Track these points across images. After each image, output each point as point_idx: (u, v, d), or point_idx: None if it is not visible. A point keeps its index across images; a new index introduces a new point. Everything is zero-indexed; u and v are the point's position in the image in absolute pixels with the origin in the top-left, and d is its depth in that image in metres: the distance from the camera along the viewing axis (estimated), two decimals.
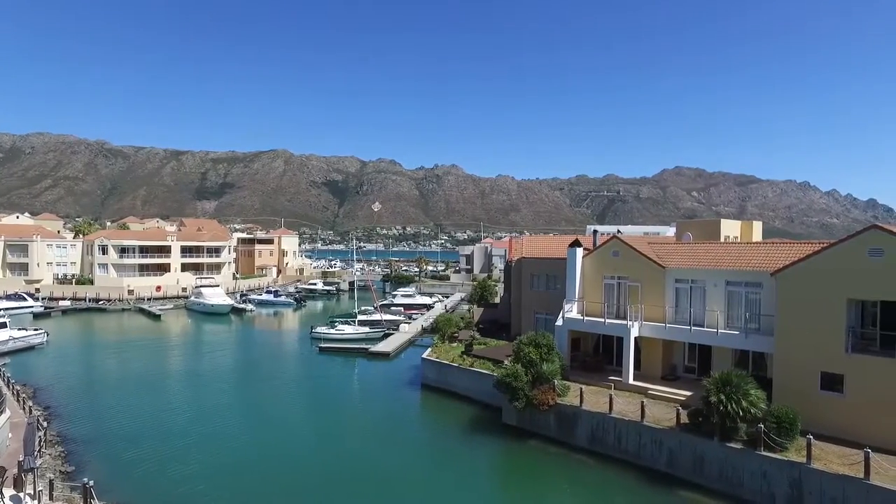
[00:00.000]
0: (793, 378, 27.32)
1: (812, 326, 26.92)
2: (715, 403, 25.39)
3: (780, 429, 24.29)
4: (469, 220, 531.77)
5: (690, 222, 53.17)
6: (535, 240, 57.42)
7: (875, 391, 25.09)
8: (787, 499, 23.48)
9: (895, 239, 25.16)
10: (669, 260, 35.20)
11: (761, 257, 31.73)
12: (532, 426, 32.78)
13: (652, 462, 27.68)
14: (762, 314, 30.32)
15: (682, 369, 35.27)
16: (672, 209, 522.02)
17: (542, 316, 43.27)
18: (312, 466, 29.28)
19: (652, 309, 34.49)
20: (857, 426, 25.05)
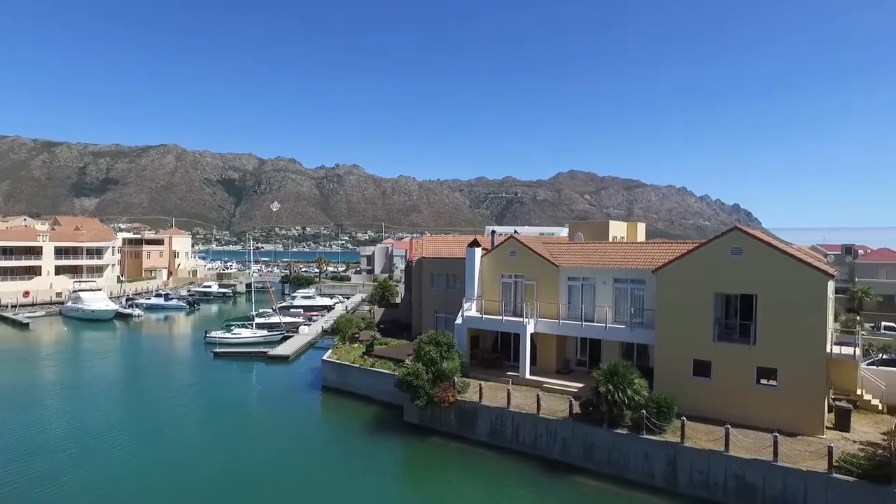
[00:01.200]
0: (671, 366, 29.81)
1: (686, 319, 29.56)
2: (604, 393, 27.16)
3: (660, 413, 26.46)
4: (370, 220, 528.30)
5: (582, 223, 55.90)
6: (435, 240, 58.20)
7: (735, 374, 28.12)
8: (665, 476, 25.64)
9: (752, 240, 28.45)
10: (563, 259, 37.08)
11: (644, 256, 34.29)
12: (433, 423, 33.32)
13: (547, 451, 29.08)
14: (645, 309, 32.81)
15: (575, 363, 37.30)
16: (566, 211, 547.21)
17: (442, 315, 44.01)
18: (207, 475, 27.99)
19: (547, 306, 36.17)
20: (721, 406, 27.84)
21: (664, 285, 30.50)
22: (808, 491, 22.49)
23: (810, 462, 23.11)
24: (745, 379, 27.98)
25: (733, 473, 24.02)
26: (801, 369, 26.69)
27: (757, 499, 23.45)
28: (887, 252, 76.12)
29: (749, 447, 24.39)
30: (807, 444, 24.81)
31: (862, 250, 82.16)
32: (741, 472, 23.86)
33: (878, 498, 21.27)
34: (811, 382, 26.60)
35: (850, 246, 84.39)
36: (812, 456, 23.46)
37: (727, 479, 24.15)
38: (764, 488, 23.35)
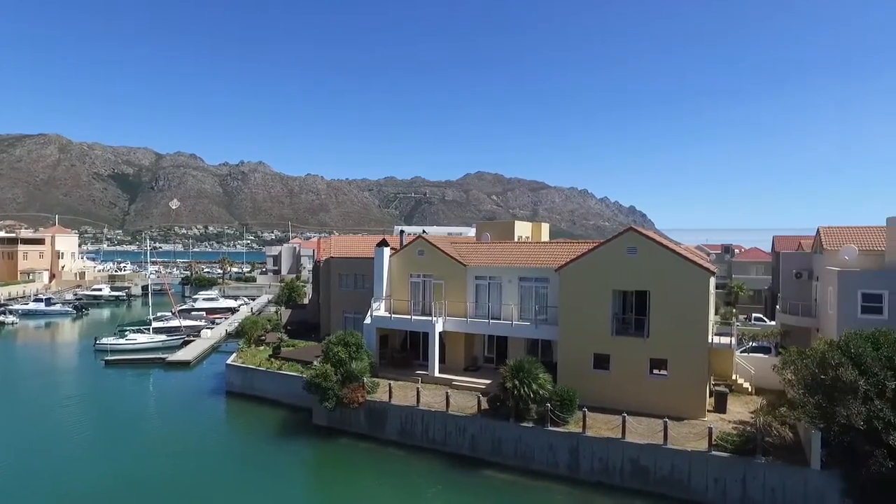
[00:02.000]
0: (572, 360, 31.31)
1: (586, 315, 31.17)
2: (510, 389, 28.08)
3: (563, 406, 27.73)
4: (277, 219, 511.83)
5: (489, 224, 57.42)
6: (343, 240, 57.56)
7: (631, 365, 30.01)
8: (568, 465, 26.92)
9: (645, 240, 30.55)
10: (470, 259, 37.89)
11: (548, 256, 35.76)
12: (343, 425, 33.00)
13: (457, 448, 29.63)
14: (549, 306, 34.20)
15: (483, 360, 38.23)
16: (474, 211, 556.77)
17: (350, 315, 43.64)
18: (97, 494, 26.10)
19: (455, 305, 36.83)
20: (619, 396, 29.58)
21: (566, 283, 31.98)
22: (692, 469, 24.51)
23: (694, 443, 25.17)
24: (640, 370, 29.96)
25: (629, 458, 25.68)
26: (688, 359, 28.96)
27: (649, 480, 25.22)
28: (757, 252, 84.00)
29: (643, 433, 26.15)
30: (691, 426, 26.95)
31: (737, 249, 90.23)
32: (636, 456, 25.56)
33: (746, 468, 23.67)
34: (696, 371, 28.94)
35: (729, 246, 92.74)
36: (695, 437, 25.56)
37: (624, 464, 25.78)
38: (655, 470, 25.16)
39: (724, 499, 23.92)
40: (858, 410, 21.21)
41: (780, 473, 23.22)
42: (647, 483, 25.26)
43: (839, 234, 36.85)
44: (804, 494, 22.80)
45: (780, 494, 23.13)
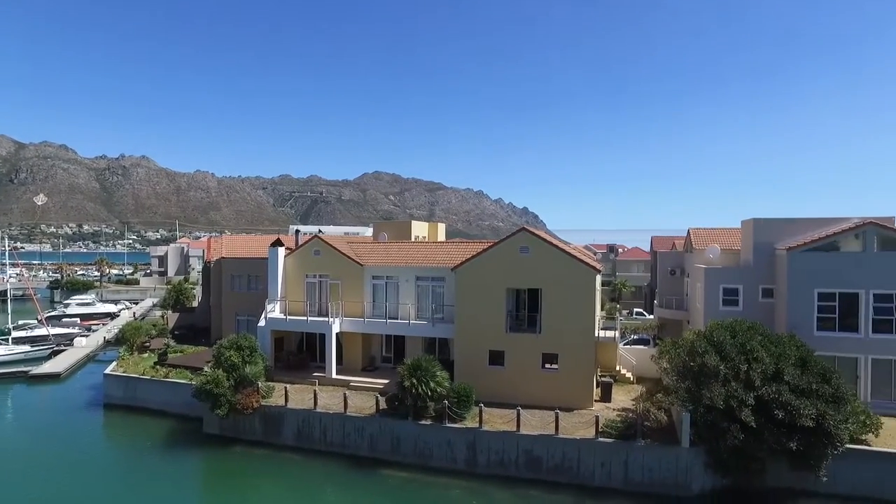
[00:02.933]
0: (469, 358, 32.14)
1: (482, 313, 32.12)
2: (408, 387, 28.32)
3: (460, 402, 28.40)
4: (162, 218, 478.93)
5: (386, 223, 57.49)
6: (235, 239, 55.22)
7: (524, 361, 31.32)
8: (466, 460, 27.60)
9: (537, 240, 32.06)
10: (367, 258, 37.78)
11: (444, 255, 36.43)
12: (236, 432, 31.72)
13: (356, 449, 29.45)
14: (445, 305, 34.85)
15: (381, 360, 38.24)
16: (371, 211, 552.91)
17: (244, 317, 42.06)
18: None
19: (352, 305, 36.57)
20: (513, 391, 30.71)
21: (462, 282, 32.78)
22: (581, 455, 26.05)
23: (582, 431, 26.75)
24: (533, 364, 31.33)
25: (524, 449, 26.80)
26: (577, 353, 30.69)
27: (542, 468, 26.48)
28: (638, 251, 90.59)
29: (536, 425, 27.38)
30: (580, 416, 28.59)
31: (621, 249, 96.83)
32: (530, 447, 26.72)
33: (628, 451, 25.55)
34: (584, 363, 30.74)
35: (613, 245, 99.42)
36: (584, 426, 27.17)
37: (519, 456, 26.86)
38: (547, 459, 26.46)
39: (609, 481, 25.64)
40: (719, 392, 23.62)
41: (657, 453, 25.27)
42: (540, 472, 26.50)
43: (706, 235, 40.64)
44: (675, 470, 24.99)
45: (656, 473, 25.18)
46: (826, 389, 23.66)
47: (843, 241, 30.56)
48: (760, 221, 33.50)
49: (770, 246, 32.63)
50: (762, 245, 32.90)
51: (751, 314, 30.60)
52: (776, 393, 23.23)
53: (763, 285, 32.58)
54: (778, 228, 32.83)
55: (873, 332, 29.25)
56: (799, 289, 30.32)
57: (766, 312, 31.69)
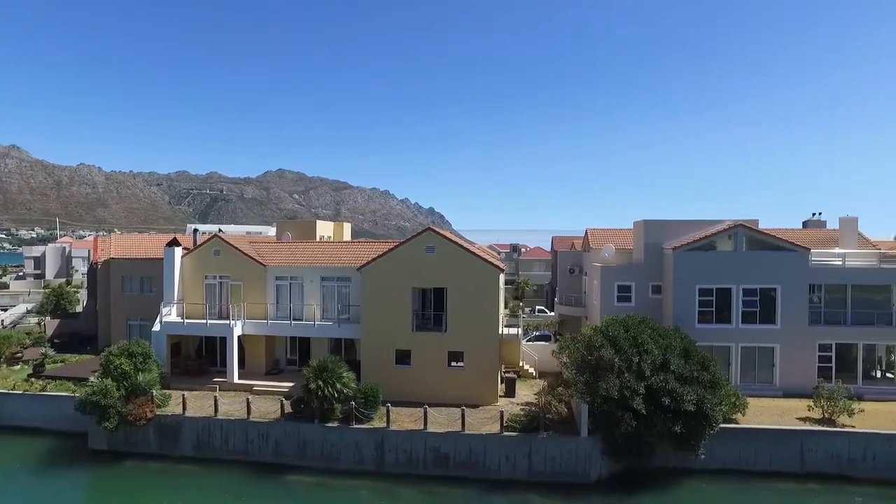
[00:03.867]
0: (375, 358, 32.08)
1: (388, 312, 32.18)
2: (314, 390, 27.84)
3: (368, 403, 28.31)
4: (39, 215, 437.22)
5: (291, 222, 56.19)
6: (126, 239, 51.56)
7: (431, 359, 31.74)
8: (374, 460, 27.55)
9: (442, 239, 32.67)
10: (271, 258, 36.70)
11: (350, 255, 36.13)
12: (127, 446, 29.67)
13: (260, 455, 28.53)
14: (351, 305, 34.57)
15: (285, 362, 37.28)
16: (275, 210, 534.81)
17: (136, 322, 39.51)
18: None
19: (254, 307, 35.38)
20: (420, 390, 30.98)
21: (368, 282, 32.67)
22: (486, 450, 26.78)
23: (488, 427, 27.51)
24: (439, 363, 31.79)
25: (431, 447, 27.14)
26: (482, 350, 31.47)
27: (450, 465, 26.95)
28: (540, 251, 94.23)
29: (443, 422, 27.80)
30: (486, 412, 29.36)
31: (524, 248, 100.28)
32: (437, 444, 27.11)
33: (531, 443, 26.60)
34: (488, 360, 31.58)
35: (516, 245, 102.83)
36: (489, 421, 27.95)
37: (426, 453, 27.17)
38: (454, 455, 26.97)
39: (514, 473, 26.54)
40: (614, 383, 25.21)
41: (558, 444, 26.50)
42: (447, 468, 26.95)
43: (602, 235, 43.03)
44: (575, 459, 26.34)
45: (558, 462, 26.40)
46: (705, 376, 25.91)
47: (718, 241, 33.56)
48: (650, 223, 36.00)
49: (658, 246, 35.15)
50: (652, 245, 35.38)
51: (642, 309, 32.82)
52: (664, 381, 25.12)
53: (653, 282, 35.08)
54: (665, 229, 35.44)
55: (742, 323, 32.46)
56: (682, 285, 32.98)
57: (656, 307, 34.15)
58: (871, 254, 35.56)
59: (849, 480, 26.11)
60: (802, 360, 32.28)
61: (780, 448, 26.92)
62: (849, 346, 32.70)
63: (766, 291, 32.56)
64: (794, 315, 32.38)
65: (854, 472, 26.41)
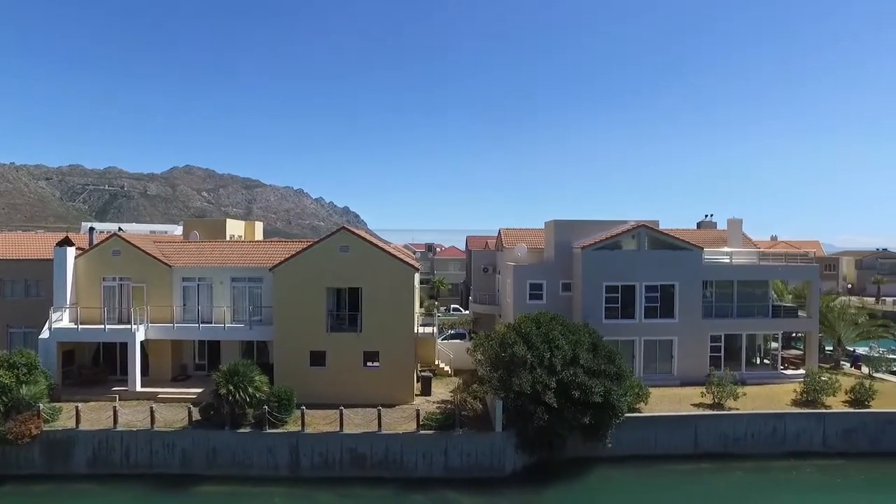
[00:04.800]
0: (289, 360, 31.36)
1: (302, 313, 31.57)
2: (225, 395, 26.79)
3: (281, 406, 27.57)
4: None
5: (198, 221, 54.06)
6: (8, 238, 47.22)
7: (346, 360, 31.47)
8: (289, 464, 26.89)
9: (357, 239, 32.55)
10: (177, 259, 34.95)
11: (262, 255, 35.10)
12: (6, 468, 26.68)
13: (166, 467, 27.01)
14: (264, 306, 33.58)
15: (194, 367, 35.67)
16: (182, 208, 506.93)
17: (19, 330, 36.12)
18: None
19: (159, 310, 33.55)
20: (336, 391, 30.61)
21: (281, 282, 31.86)
22: (403, 449, 26.85)
23: (405, 426, 27.61)
24: (355, 363, 31.55)
25: (348, 448, 26.85)
26: (397, 349, 31.53)
27: (366, 465, 26.78)
28: (455, 250, 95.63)
29: (359, 423, 27.62)
30: (402, 411, 29.44)
31: (439, 248, 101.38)
32: (354, 445, 26.86)
33: (448, 441, 26.93)
34: (404, 360, 31.72)
35: (431, 244, 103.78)
36: (406, 420, 28.05)
37: (343, 455, 26.85)
38: (371, 455, 26.83)
39: (431, 471, 26.75)
40: (526, 379, 26.06)
41: (473, 440, 27.01)
42: (364, 469, 26.76)
43: (515, 235, 44.27)
44: (490, 454, 26.95)
45: (473, 458, 26.90)
46: (611, 369, 27.36)
47: (623, 241, 35.50)
48: (560, 223, 37.47)
49: (568, 245, 36.65)
50: (562, 244, 36.84)
51: (553, 306, 34.12)
52: (573, 375, 26.27)
53: (563, 280, 36.55)
54: (574, 229, 37.03)
55: (645, 318, 34.57)
56: (590, 283, 34.60)
57: (566, 304, 35.60)
58: (753, 252, 39.01)
59: (734, 457, 28.65)
60: (697, 351, 34.82)
61: (677, 432, 28.95)
62: (735, 337, 35.73)
63: (665, 288, 34.81)
64: (690, 309, 34.85)
65: (738, 449, 29.02)
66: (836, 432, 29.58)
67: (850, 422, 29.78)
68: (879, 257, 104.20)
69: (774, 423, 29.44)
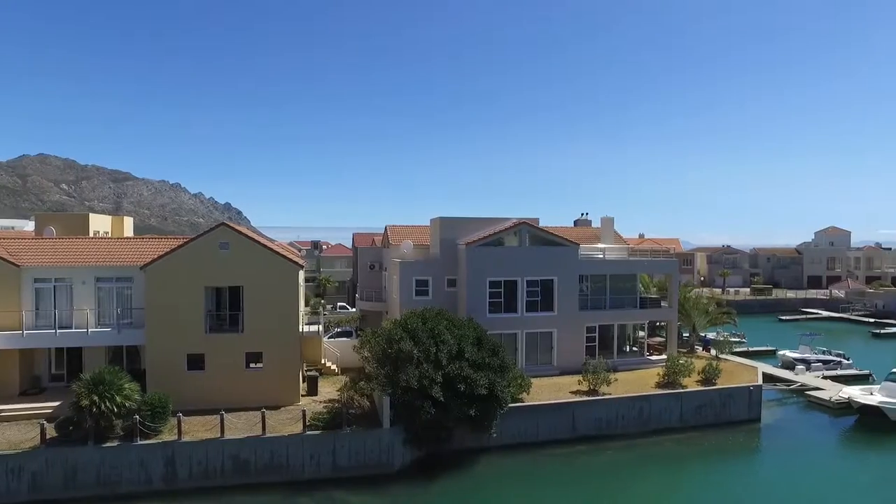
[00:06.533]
0: (163, 364, 29.38)
1: (178, 314, 29.71)
2: (87, 406, 24.50)
3: (155, 415, 25.77)
4: None
5: (55, 216, 49.01)
6: None
7: (227, 362, 30.10)
8: (164, 477, 25.14)
9: (238, 235, 31.19)
10: (27, 257, 31.44)
11: (132, 252, 32.55)
12: None
13: (12, 496, 24.00)
14: (134, 308, 31.17)
15: (49, 378, 32.34)
16: (36, 201, 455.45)
17: None
18: None
19: (5, 316, 30.02)
20: (217, 395, 29.08)
21: (154, 282, 29.75)
22: (289, 451, 26.11)
23: (290, 427, 26.87)
24: (237, 365, 30.20)
25: (230, 455, 25.62)
26: (282, 349, 30.61)
27: (251, 471, 25.72)
28: (341, 247, 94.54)
29: (242, 427, 26.48)
30: (288, 413, 28.64)
31: (325, 245, 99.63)
32: (236, 451, 25.69)
33: (335, 440, 26.62)
34: (289, 360, 30.87)
35: (318, 242, 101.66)
36: (292, 422, 27.32)
37: (224, 462, 25.58)
38: (256, 460, 25.81)
39: (319, 472, 26.24)
40: (413, 374, 26.41)
41: (361, 438, 26.88)
42: (248, 475, 25.70)
43: (401, 232, 44.52)
44: (379, 451, 26.98)
45: (362, 456, 26.78)
46: (495, 362, 28.40)
47: (506, 237, 36.96)
48: (445, 220, 38.23)
49: (453, 242, 37.50)
50: (447, 241, 37.62)
51: (439, 302, 34.78)
52: (459, 369, 26.97)
53: (448, 276, 37.34)
54: (459, 226, 37.95)
55: (526, 312, 36.25)
56: (475, 278, 35.67)
57: (452, 300, 36.41)
58: (623, 248, 42.22)
59: (606, 438, 30.99)
60: (574, 341, 37.07)
61: (557, 419, 30.72)
62: (608, 327, 38.46)
63: (545, 283, 36.69)
64: (568, 303, 37.01)
65: (610, 431, 31.43)
66: (691, 408, 33.09)
67: (701, 399, 33.48)
68: (725, 253, 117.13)
69: (641, 404, 32.20)
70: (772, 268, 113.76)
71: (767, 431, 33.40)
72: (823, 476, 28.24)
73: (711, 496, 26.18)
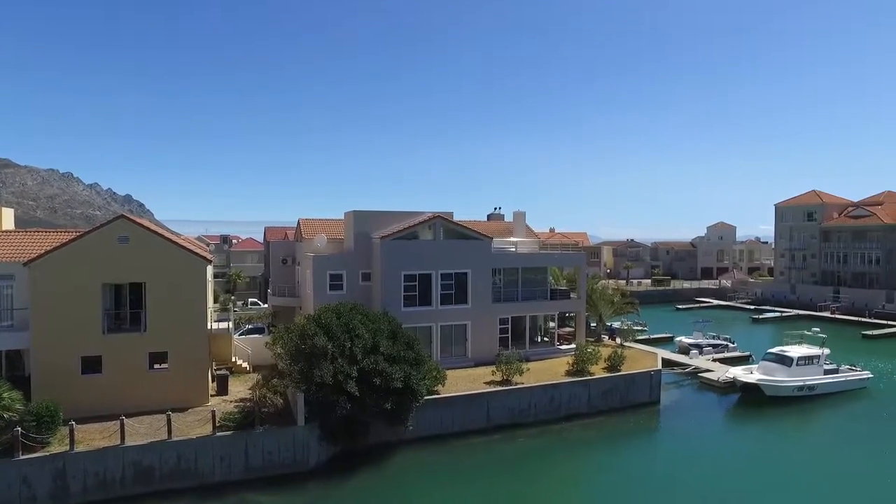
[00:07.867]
0: (53, 369, 27.16)
1: (70, 314, 27.56)
2: None
3: (41, 425, 23.76)
4: None
5: None
6: None
7: (128, 364, 28.37)
8: (52, 493, 23.20)
9: (138, 228, 29.36)
10: None
11: (13, 247, 29.85)
12: None
13: None
14: (16, 308, 28.60)
15: None
16: None
17: None
18: None
19: None
20: (116, 399, 27.35)
21: (41, 279, 27.37)
22: (198, 454, 24.97)
23: (199, 429, 25.71)
24: (139, 366, 28.50)
25: (131, 462, 24.12)
26: (189, 348, 29.19)
27: (155, 478, 24.34)
28: (253, 242, 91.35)
29: (145, 432, 24.95)
30: (196, 414, 27.37)
31: (235, 240, 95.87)
32: (139, 458, 24.22)
33: (247, 440, 25.76)
34: (197, 359, 29.51)
35: (227, 236, 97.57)
36: (200, 423, 26.15)
37: (125, 470, 24.03)
38: (160, 466, 24.46)
39: (230, 474, 25.30)
40: (328, 369, 26.04)
41: (275, 437, 26.20)
42: (152, 483, 24.31)
43: (314, 225, 43.65)
44: (293, 449, 26.40)
45: (276, 455, 26.10)
46: (410, 355, 28.54)
47: (420, 231, 37.15)
48: (359, 213, 37.89)
49: (367, 235, 37.24)
50: (361, 235, 37.30)
51: (354, 296, 34.46)
52: (374, 363, 26.86)
53: (363, 270, 37.08)
54: (373, 220, 37.74)
55: (441, 305, 36.67)
56: (389, 272, 35.62)
57: (366, 294, 36.18)
58: (535, 242, 43.58)
59: (520, 426, 31.94)
60: (488, 333, 37.89)
61: (472, 410, 31.33)
62: (520, 319, 39.61)
63: (459, 276, 37.22)
64: (482, 295, 37.76)
65: (523, 419, 32.42)
66: (598, 394, 34.79)
67: (607, 384, 35.29)
68: (629, 246, 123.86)
69: (552, 392, 33.48)
70: (670, 260, 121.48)
71: (666, 412, 35.83)
72: (713, 450, 30.90)
73: (614, 478, 27.69)
